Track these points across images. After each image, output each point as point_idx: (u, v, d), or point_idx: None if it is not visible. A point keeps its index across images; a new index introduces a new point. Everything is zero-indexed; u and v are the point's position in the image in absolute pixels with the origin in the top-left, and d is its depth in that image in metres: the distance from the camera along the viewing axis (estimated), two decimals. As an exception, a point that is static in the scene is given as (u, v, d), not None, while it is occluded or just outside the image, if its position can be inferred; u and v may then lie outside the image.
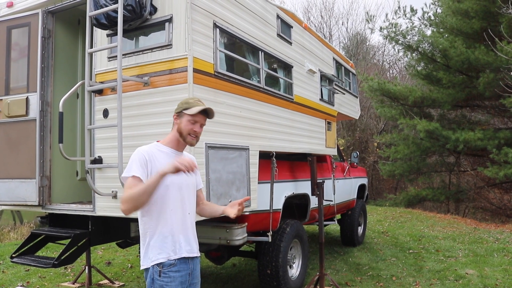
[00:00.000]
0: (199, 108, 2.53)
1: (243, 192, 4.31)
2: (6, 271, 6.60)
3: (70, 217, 4.50)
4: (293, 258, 5.52)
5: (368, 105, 20.70)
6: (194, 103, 2.56)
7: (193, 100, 2.60)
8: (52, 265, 4.03)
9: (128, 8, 3.63)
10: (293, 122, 5.44)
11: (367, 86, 15.52)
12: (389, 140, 16.21)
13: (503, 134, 12.57)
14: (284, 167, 5.53)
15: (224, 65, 4.18)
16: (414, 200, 15.52)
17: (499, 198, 15.94)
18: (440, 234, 9.84)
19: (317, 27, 24.87)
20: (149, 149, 2.53)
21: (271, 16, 5.04)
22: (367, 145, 21.41)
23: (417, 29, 15.01)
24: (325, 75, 6.49)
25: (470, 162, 16.95)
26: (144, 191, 2.32)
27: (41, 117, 4.41)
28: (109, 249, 8.06)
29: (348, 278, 6.24)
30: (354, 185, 8.39)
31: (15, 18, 4.58)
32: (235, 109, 4.24)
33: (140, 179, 2.41)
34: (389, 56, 26.23)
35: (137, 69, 3.88)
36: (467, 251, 7.98)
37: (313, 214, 6.13)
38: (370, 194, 18.44)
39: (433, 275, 6.38)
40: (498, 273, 6.43)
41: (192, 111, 2.51)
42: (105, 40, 4.06)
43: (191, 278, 2.57)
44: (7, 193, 4.51)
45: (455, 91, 14.12)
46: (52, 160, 4.52)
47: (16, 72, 4.56)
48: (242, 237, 4.54)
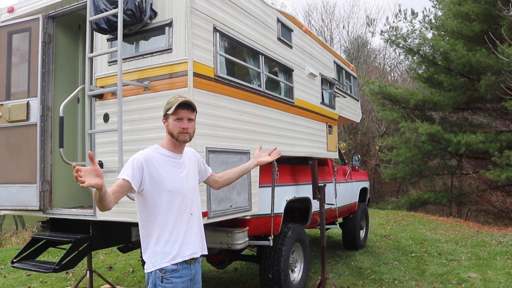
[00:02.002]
0: (176, 103, 2.48)
1: (244, 196, 4.30)
2: (8, 276, 6.59)
3: (71, 222, 4.49)
4: (294, 262, 5.50)
5: (369, 108, 20.70)
6: (174, 101, 2.51)
7: (174, 98, 2.54)
8: (53, 270, 4.01)
9: (128, 13, 3.64)
10: (294, 126, 5.44)
11: (368, 89, 15.52)
12: (391, 143, 16.19)
13: (505, 136, 12.54)
14: (285, 171, 5.52)
15: (225, 69, 4.18)
16: (416, 203, 15.48)
17: (502, 201, 15.88)
18: (442, 237, 9.80)
19: (318, 31, 24.91)
20: (148, 152, 2.52)
21: (272, 19, 5.04)
22: (368, 149, 21.37)
23: (418, 32, 15.00)
24: (326, 79, 6.49)
25: (472, 165, 16.91)
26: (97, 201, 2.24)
27: (41, 121, 4.41)
28: (110, 254, 8.05)
29: (350, 282, 6.21)
30: (355, 189, 8.37)
31: (16, 23, 4.60)
32: (235, 113, 4.24)
33: (127, 181, 2.38)
34: (390, 59, 26.27)
35: (137, 73, 3.88)
36: (470, 255, 7.95)
37: (315, 218, 6.12)
38: (372, 198, 18.43)
39: (435, 279, 6.35)
40: (501, 277, 6.40)
41: (172, 110, 2.48)
42: (106, 44, 4.07)
43: (192, 284, 2.56)
44: (8, 198, 4.51)
45: (457, 94, 14.11)
46: (53, 165, 4.52)
47: (16, 77, 4.57)
48: (243, 241, 4.53)
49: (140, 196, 2.50)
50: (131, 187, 2.39)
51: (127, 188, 2.39)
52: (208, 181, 2.99)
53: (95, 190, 2.15)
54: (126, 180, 2.38)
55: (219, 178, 3.01)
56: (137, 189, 2.43)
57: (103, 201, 2.21)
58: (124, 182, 2.38)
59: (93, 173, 2.09)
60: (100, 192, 2.15)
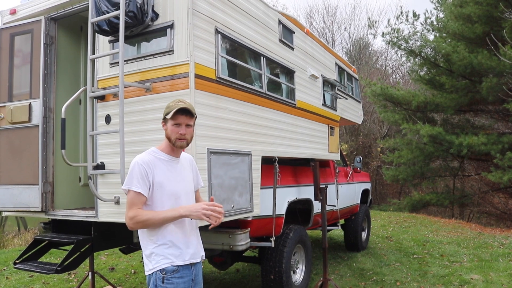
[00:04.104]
0: (175, 109, 2.48)
1: (245, 197, 4.31)
2: (10, 277, 6.60)
3: (73, 223, 4.50)
4: (296, 264, 5.50)
5: (371, 110, 20.69)
6: (174, 106, 2.50)
7: (174, 102, 2.54)
8: (55, 271, 4.02)
9: (130, 15, 3.65)
10: (296, 127, 5.44)
11: (370, 91, 15.51)
12: (393, 145, 16.17)
13: (507, 138, 12.51)
14: (287, 172, 5.52)
15: (226, 70, 4.19)
16: (418, 205, 15.45)
17: (504, 202, 15.84)
18: (444, 239, 9.78)
19: (320, 33, 24.93)
20: (148, 157, 2.52)
21: (273, 21, 5.05)
22: (370, 150, 21.36)
23: (420, 34, 15.00)
24: (327, 80, 6.50)
25: (474, 167, 16.87)
26: (160, 222, 2.41)
27: (43, 123, 4.42)
28: (112, 255, 8.06)
29: (352, 283, 6.21)
30: (357, 190, 8.37)
31: (18, 25, 4.61)
32: (237, 114, 4.25)
33: (142, 195, 2.44)
34: (392, 61, 26.27)
35: (139, 75, 3.89)
36: (472, 256, 7.93)
37: (316, 219, 6.12)
38: (373, 199, 18.39)
39: (437, 280, 6.34)
40: (503, 278, 6.38)
41: (170, 115, 2.48)
42: (107, 46, 4.08)
43: (193, 284, 2.56)
44: (11, 199, 4.52)
45: (458, 95, 14.09)
46: (55, 166, 4.54)
47: (19, 79, 4.59)
48: (245, 242, 4.52)
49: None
50: (144, 197, 2.46)
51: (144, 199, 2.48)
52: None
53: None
54: (140, 193, 2.44)
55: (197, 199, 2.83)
56: (147, 196, 2.48)
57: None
58: (141, 195, 2.45)
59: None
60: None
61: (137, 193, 2.43)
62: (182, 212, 2.39)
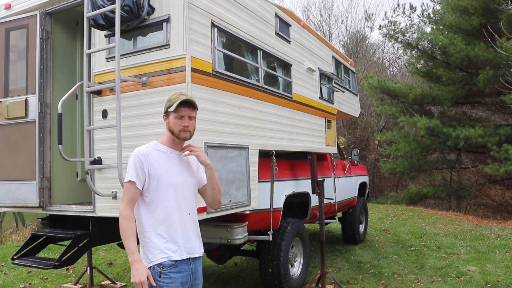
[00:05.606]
0: (178, 101, 2.48)
1: (243, 191, 4.31)
2: (8, 273, 6.61)
3: (71, 218, 4.50)
4: (294, 257, 5.52)
5: (368, 103, 20.69)
6: (176, 99, 2.51)
7: (175, 95, 2.55)
8: (53, 266, 4.02)
9: (126, 9, 3.63)
10: (293, 121, 5.44)
11: (367, 84, 15.51)
12: (390, 137, 16.20)
13: (503, 130, 12.56)
14: (284, 165, 5.52)
15: (223, 64, 4.18)
16: (416, 197, 15.51)
17: (501, 194, 15.92)
18: (441, 231, 9.83)
19: (317, 26, 24.86)
20: (146, 149, 2.54)
21: (269, 14, 5.04)
22: (367, 143, 21.39)
23: (417, 27, 15.00)
24: (324, 73, 6.49)
25: (471, 159, 16.93)
26: (123, 240, 2.42)
27: (40, 118, 4.40)
28: (110, 250, 8.07)
29: (350, 276, 6.24)
30: (355, 183, 8.38)
31: (13, 20, 4.58)
32: (234, 108, 4.24)
33: (134, 183, 2.45)
34: (389, 54, 26.23)
35: (135, 69, 3.88)
36: (469, 248, 7.98)
37: (314, 212, 6.13)
38: (371, 192, 18.44)
39: (434, 272, 6.37)
40: (500, 270, 6.43)
41: (173, 108, 2.49)
42: (103, 41, 4.06)
43: (193, 279, 2.56)
44: (8, 195, 4.51)
45: (455, 88, 14.11)
46: (52, 162, 4.52)
47: (15, 74, 4.56)
48: (242, 236, 4.54)
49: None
50: (138, 188, 2.47)
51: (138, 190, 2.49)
52: (203, 191, 2.79)
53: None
54: (133, 181, 2.46)
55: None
56: (141, 188, 2.49)
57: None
58: (133, 184, 2.46)
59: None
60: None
61: (130, 183, 2.46)
62: (131, 260, 2.38)
